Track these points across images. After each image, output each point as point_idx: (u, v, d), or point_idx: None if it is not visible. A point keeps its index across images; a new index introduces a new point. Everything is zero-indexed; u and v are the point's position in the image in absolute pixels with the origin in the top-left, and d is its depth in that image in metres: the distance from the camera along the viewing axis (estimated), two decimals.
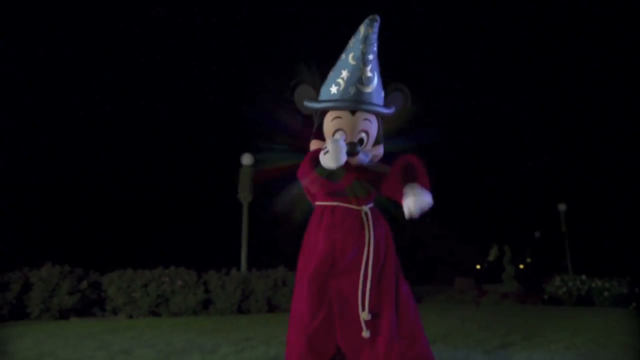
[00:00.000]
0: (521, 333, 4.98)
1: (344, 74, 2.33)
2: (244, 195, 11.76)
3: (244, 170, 11.77)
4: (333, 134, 2.34)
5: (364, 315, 2.18)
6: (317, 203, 2.44)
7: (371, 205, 2.42)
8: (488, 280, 18.54)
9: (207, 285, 9.04)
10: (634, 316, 9.00)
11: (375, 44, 2.34)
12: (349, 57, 2.33)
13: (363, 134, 2.36)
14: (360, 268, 2.24)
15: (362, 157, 2.35)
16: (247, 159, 11.89)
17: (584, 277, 12.71)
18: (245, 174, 11.82)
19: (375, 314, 2.21)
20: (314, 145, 2.41)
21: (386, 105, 2.45)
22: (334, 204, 2.36)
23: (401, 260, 2.42)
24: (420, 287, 17.97)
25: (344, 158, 2.10)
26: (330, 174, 2.20)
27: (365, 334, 2.17)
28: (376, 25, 2.31)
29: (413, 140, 2.60)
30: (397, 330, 2.23)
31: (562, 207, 19.59)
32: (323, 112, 2.40)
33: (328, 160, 2.08)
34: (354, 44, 2.34)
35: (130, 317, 8.41)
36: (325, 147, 2.11)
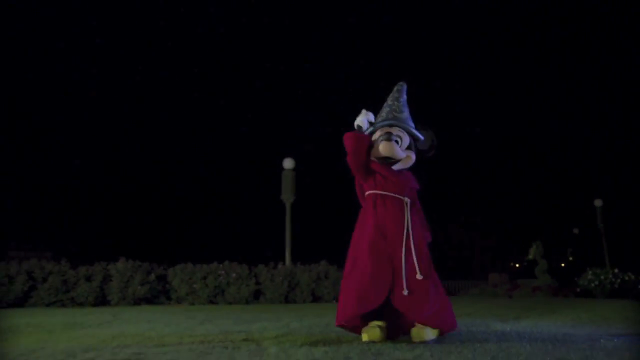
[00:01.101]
0: (538, 311, 5.69)
1: (386, 109, 3.55)
2: (287, 196, 12.74)
3: (286, 174, 12.76)
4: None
5: (408, 284, 3.07)
6: (367, 192, 3.36)
7: (407, 198, 3.33)
8: (524, 277, 18.84)
9: (257, 278, 10.08)
10: None
11: (405, 94, 3.57)
12: (389, 100, 3.57)
13: (397, 137, 3.34)
14: (402, 244, 3.13)
15: (399, 151, 3.31)
16: (288, 163, 12.87)
17: (616, 270, 13.01)
18: (287, 176, 12.81)
19: (411, 281, 3.09)
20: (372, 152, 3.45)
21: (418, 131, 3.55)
22: (383, 192, 3.29)
23: (438, 256, 3.32)
24: (455, 282, 18.55)
25: (366, 120, 3.42)
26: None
27: (405, 292, 3.06)
28: (404, 87, 3.59)
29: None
30: (427, 295, 3.10)
31: (598, 203, 19.62)
32: (374, 131, 3.51)
33: (358, 119, 3.40)
34: (392, 94, 3.58)
35: (192, 304, 9.54)
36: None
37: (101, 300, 9.14)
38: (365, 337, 3.09)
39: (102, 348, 2.83)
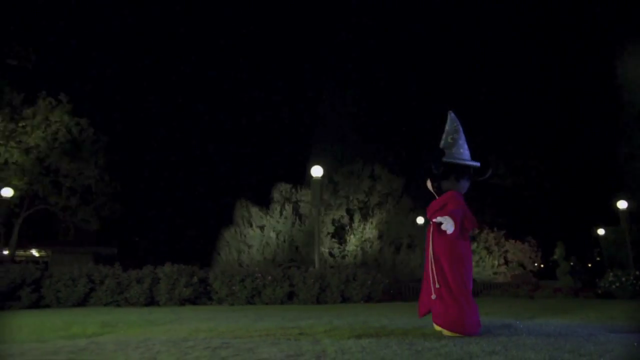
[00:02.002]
0: (551, 311, 6.28)
1: (442, 142, 4.27)
2: (315, 203, 13.50)
3: (314, 182, 13.52)
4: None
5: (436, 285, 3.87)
6: None
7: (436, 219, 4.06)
8: (546, 278, 19.14)
9: (291, 280, 10.86)
10: None
11: (454, 122, 4.31)
12: (446, 133, 4.30)
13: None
14: (430, 260, 3.93)
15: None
16: (316, 171, 13.62)
17: (637, 272, 13.30)
18: (315, 183, 13.57)
19: (438, 289, 3.85)
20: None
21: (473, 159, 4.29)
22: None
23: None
24: (478, 282, 18.98)
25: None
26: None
27: (433, 297, 3.82)
28: (451, 115, 4.36)
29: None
30: (444, 304, 3.84)
31: (622, 205, 19.78)
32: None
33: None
34: (452, 129, 4.27)
35: (232, 305, 10.38)
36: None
37: (150, 301, 10.06)
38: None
39: (195, 339, 3.62)
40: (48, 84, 20.01)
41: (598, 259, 33.00)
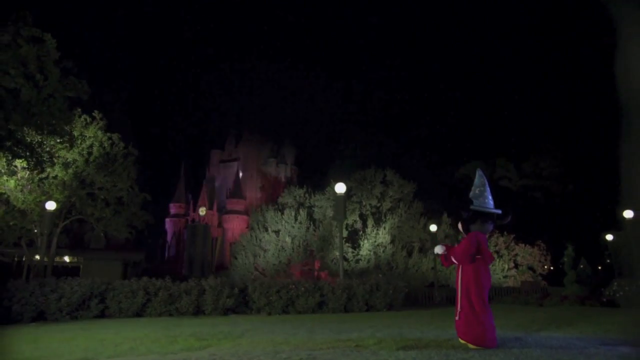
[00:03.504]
0: (555, 324, 7.37)
1: (471, 193, 5.32)
2: (338, 217, 14.65)
3: (338, 198, 14.66)
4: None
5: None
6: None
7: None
8: (555, 283, 20.03)
9: (322, 291, 12.03)
10: None
11: (482, 177, 5.37)
12: (476, 191, 5.33)
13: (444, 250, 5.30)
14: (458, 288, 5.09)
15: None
16: (339, 188, 14.77)
17: None
18: (339, 199, 14.72)
19: (461, 311, 4.99)
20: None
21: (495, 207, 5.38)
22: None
23: None
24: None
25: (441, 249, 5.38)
26: None
27: (457, 317, 4.95)
28: (479, 172, 5.41)
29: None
30: (475, 318, 4.97)
31: (628, 214, 20.64)
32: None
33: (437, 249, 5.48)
34: (479, 183, 5.33)
35: (269, 314, 11.57)
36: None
37: (197, 310, 11.28)
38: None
39: (284, 351, 4.78)
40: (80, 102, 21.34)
41: (608, 261, 33.78)
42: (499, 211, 5.37)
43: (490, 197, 5.35)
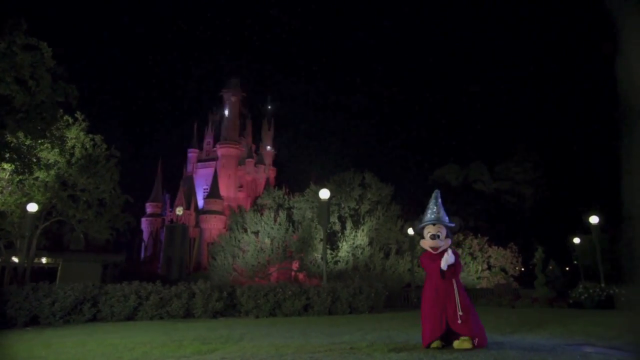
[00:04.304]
0: (528, 327, 8.06)
1: (428, 211, 5.91)
2: (322, 222, 15.16)
3: (322, 204, 15.17)
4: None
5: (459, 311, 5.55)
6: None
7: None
8: (526, 284, 20.99)
9: (307, 294, 12.51)
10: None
11: (439, 198, 5.89)
12: (430, 205, 5.92)
13: (440, 233, 5.73)
14: (453, 293, 5.62)
15: (440, 242, 5.72)
16: (323, 194, 15.28)
17: (602, 285, 15.31)
18: (323, 205, 15.23)
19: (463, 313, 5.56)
20: (423, 243, 5.85)
21: (450, 221, 5.87)
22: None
23: None
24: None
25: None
26: None
27: (459, 320, 5.53)
28: (438, 193, 5.94)
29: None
30: (466, 316, 5.55)
31: (594, 219, 21.81)
32: (423, 227, 5.84)
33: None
34: (431, 200, 5.93)
35: (257, 317, 11.98)
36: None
37: (187, 313, 11.60)
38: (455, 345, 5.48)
39: (287, 354, 5.25)
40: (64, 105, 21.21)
41: (575, 262, 35.38)
42: (454, 224, 5.97)
43: (435, 210, 5.93)
